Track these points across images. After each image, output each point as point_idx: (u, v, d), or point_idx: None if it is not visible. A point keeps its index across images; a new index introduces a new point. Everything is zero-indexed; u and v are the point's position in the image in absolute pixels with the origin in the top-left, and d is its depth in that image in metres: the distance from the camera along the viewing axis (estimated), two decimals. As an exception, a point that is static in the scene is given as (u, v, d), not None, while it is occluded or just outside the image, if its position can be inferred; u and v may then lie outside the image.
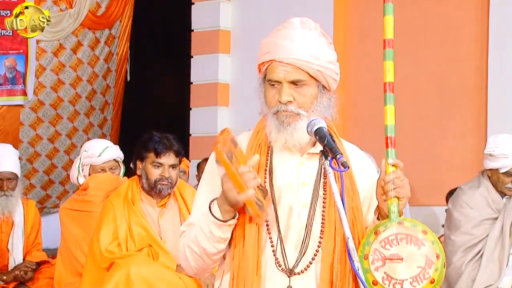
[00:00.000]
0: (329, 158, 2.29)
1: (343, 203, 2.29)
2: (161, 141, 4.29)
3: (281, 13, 7.38)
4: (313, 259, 2.42)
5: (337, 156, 2.25)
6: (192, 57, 8.34)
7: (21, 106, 8.61)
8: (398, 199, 2.34)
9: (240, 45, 8.07)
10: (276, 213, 2.43)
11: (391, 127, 2.40)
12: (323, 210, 2.44)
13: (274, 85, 2.43)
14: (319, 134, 2.35)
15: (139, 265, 4.10)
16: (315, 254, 2.42)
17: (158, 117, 9.07)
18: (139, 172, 4.36)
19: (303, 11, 6.94)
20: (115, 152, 4.96)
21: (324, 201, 2.45)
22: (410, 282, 2.30)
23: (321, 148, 2.36)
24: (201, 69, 8.22)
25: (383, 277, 2.31)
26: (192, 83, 8.34)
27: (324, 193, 2.46)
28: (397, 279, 2.30)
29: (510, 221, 4.67)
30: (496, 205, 4.73)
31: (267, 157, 2.48)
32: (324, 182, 2.46)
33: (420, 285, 2.31)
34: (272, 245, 2.42)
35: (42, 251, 5.50)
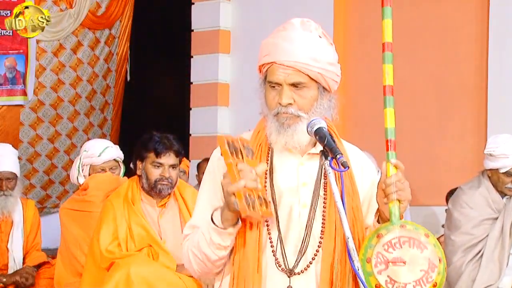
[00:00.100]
0: (329, 158, 2.29)
1: (343, 203, 2.29)
2: (161, 141, 4.29)
3: (281, 13, 7.38)
4: (313, 259, 2.42)
5: (337, 156, 2.25)
6: (192, 57, 8.34)
7: (21, 106, 8.61)
8: (399, 202, 2.33)
9: (240, 45, 8.07)
10: (276, 213, 2.43)
11: (391, 130, 2.39)
12: (323, 210, 2.44)
13: (274, 87, 2.43)
14: (319, 134, 2.35)
15: (139, 265, 4.10)
16: (315, 254, 2.42)
17: (158, 117, 9.08)
18: (139, 172, 4.35)
19: (303, 11, 6.93)
20: (115, 152, 4.96)
21: (324, 201, 2.45)
22: (413, 285, 2.30)
23: (321, 148, 2.36)
24: (201, 69, 8.22)
25: (386, 280, 2.30)
26: (192, 83, 8.34)
27: (324, 193, 2.45)
28: (400, 283, 2.29)
29: (510, 221, 4.67)
30: (496, 205, 4.73)
31: (268, 157, 2.48)
32: (325, 182, 2.46)
33: None
34: (272, 245, 2.42)
35: (41, 251, 5.50)
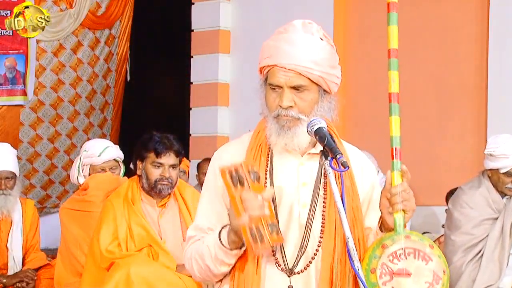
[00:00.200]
0: (329, 158, 2.29)
1: (343, 203, 2.29)
2: (161, 141, 4.28)
3: (281, 13, 7.38)
4: (312, 258, 2.42)
5: (337, 156, 2.24)
6: (192, 57, 8.34)
7: (21, 106, 8.61)
8: (404, 212, 2.32)
9: (240, 45, 8.07)
10: (276, 213, 2.43)
11: (397, 138, 2.36)
12: (323, 210, 2.44)
13: (275, 89, 2.43)
14: (319, 134, 2.35)
15: (139, 265, 4.10)
16: (315, 254, 2.42)
17: (158, 117, 9.08)
18: (139, 172, 4.35)
19: (303, 11, 6.94)
20: (115, 152, 4.96)
21: (324, 201, 2.45)
22: None
23: (321, 148, 2.36)
24: (201, 69, 8.22)
25: None
26: (192, 83, 8.34)
27: (324, 193, 2.45)
28: None
29: (510, 221, 4.67)
30: (497, 205, 4.73)
31: (268, 157, 2.48)
32: (325, 182, 2.46)
33: None
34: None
35: (41, 250, 5.49)
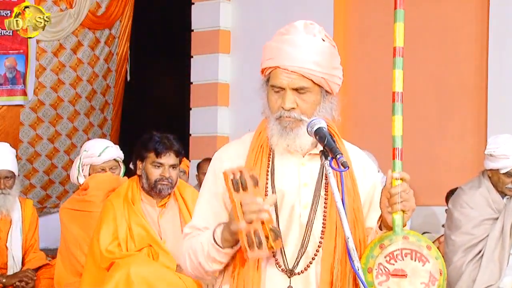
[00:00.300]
0: (329, 158, 2.29)
1: (343, 203, 2.28)
2: (161, 141, 4.28)
3: (281, 13, 7.38)
4: (313, 259, 2.42)
5: (337, 156, 2.24)
6: (192, 57, 8.33)
7: (21, 106, 8.61)
8: (404, 212, 2.33)
9: (240, 45, 8.07)
10: (277, 213, 2.43)
11: (399, 138, 2.36)
12: (324, 211, 2.44)
13: (277, 91, 2.43)
14: (319, 134, 2.35)
15: (139, 265, 4.09)
16: (315, 254, 2.42)
17: (158, 117, 9.08)
18: (139, 172, 4.35)
19: (303, 11, 6.94)
20: (115, 152, 4.96)
21: (325, 202, 2.45)
22: None
23: (322, 148, 2.36)
24: (201, 69, 8.22)
25: None
26: (192, 83, 8.34)
27: (325, 194, 2.45)
28: None
29: (510, 221, 4.67)
30: (497, 205, 4.73)
31: (269, 158, 2.48)
32: (326, 182, 2.46)
33: None
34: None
35: (40, 250, 5.49)
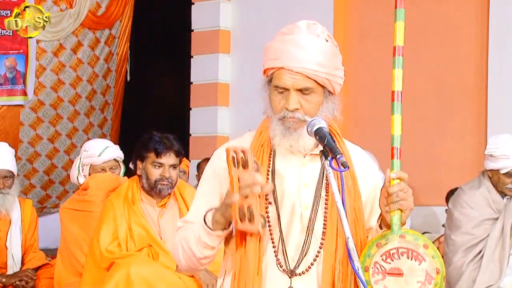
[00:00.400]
0: (329, 158, 2.29)
1: (343, 203, 2.28)
2: (161, 141, 4.28)
3: (281, 13, 7.38)
4: (314, 260, 2.42)
5: (337, 156, 2.24)
6: (192, 57, 8.33)
7: (21, 106, 8.61)
8: (401, 211, 2.32)
9: (240, 45, 8.07)
10: (278, 214, 2.43)
11: (398, 138, 2.35)
12: (325, 211, 2.44)
13: (281, 91, 2.43)
14: (319, 134, 2.34)
15: (139, 265, 4.10)
16: (317, 255, 2.42)
17: (158, 117, 9.07)
18: (139, 172, 4.35)
19: (303, 11, 6.94)
20: (115, 152, 4.96)
21: (326, 202, 2.44)
22: None
23: (322, 149, 2.35)
24: (201, 69, 8.22)
25: None
26: (192, 83, 8.33)
27: (326, 194, 2.45)
28: None
29: (510, 222, 4.67)
30: (497, 205, 4.73)
31: (270, 158, 2.48)
32: (326, 183, 2.45)
33: None
34: (273, 246, 2.42)
35: (39, 250, 5.49)
